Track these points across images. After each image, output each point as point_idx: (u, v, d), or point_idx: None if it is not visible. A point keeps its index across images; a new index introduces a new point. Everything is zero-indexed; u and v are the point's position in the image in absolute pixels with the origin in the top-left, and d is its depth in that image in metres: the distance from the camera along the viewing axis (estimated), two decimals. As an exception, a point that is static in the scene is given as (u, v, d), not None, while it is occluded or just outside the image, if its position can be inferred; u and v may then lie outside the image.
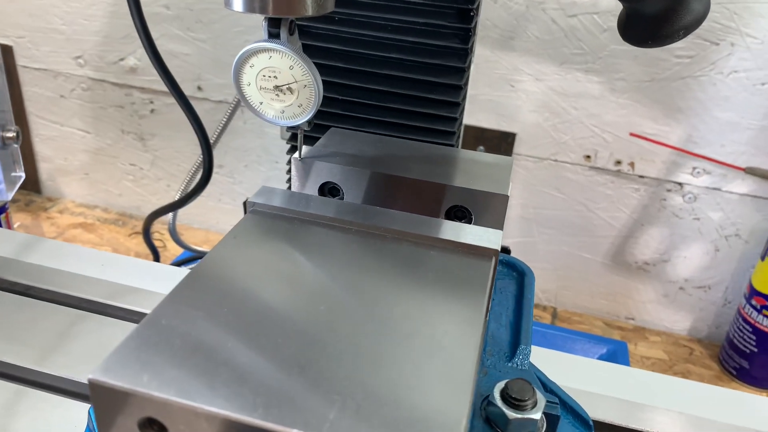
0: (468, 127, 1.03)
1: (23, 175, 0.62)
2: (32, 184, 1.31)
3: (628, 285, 1.07)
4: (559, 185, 1.03)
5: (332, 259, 0.38)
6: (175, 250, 1.16)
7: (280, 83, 0.41)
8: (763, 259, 0.94)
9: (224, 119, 0.90)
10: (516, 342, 0.52)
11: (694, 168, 0.96)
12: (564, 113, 0.97)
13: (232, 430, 0.27)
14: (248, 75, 0.41)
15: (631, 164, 0.98)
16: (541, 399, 0.40)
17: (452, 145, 0.66)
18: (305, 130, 0.47)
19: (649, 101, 0.93)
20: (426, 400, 0.28)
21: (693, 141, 0.94)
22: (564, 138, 0.99)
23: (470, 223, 0.48)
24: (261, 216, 0.42)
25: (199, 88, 1.12)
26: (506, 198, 0.46)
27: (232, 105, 0.89)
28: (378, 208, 0.43)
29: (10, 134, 0.60)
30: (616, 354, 0.99)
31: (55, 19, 1.13)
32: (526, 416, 0.39)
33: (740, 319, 0.96)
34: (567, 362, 0.73)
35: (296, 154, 0.49)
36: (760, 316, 0.92)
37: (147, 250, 1.14)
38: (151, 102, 1.17)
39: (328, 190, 0.50)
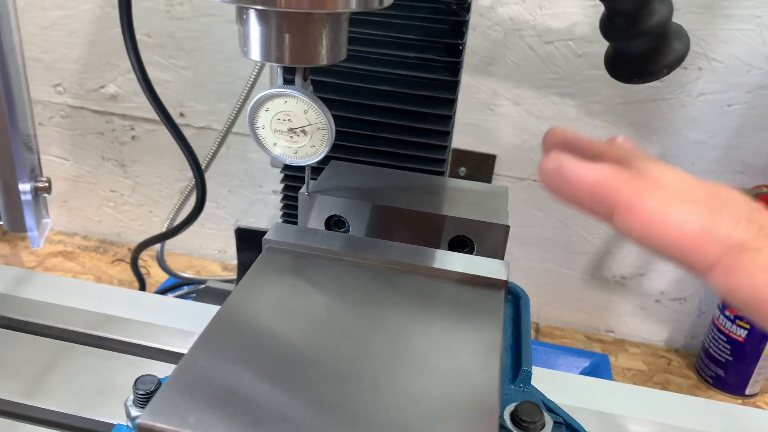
0: (451, 150, 1.05)
1: (50, 221, 0.63)
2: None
3: (607, 299, 1.11)
4: (539, 204, 1.06)
5: (351, 295, 0.40)
6: (158, 276, 1.16)
7: (294, 126, 0.42)
8: (734, 271, 0.99)
9: (213, 147, 0.91)
10: (518, 364, 0.54)
11: (667, 185, 1.00)
12: (542, 135, 1.00)
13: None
14: (263, 118, 0.42)
15: (608, 183, 1.02)
16: (549, 420, 0.42)
17: (442, 171, 0.68)
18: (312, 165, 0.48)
19: (623, 123, 0.97)
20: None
21: (666, 159, 0.98)
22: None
23: (472, 252, 0.50)
24: (277, 253, 0.43)
25: (182, 115, 1.13)
26: (507, 228, 0.48)
27: (222, 132, 0.90)
28: (388, 241, 0.45)
29: (42, 184, 0.61)
30: (599, 366, 1.03)
31: (33, 48, 1.13)
32: (535, 437, 0.41)
33: (715, 330, 1.00)
34: (551, 378, 0.75)
35: (303, 189, 0.50)
36: (734, 326, 0.96)
37: (130, 277, 1.14)
38: (132, 128, 1.17)
39: (334, 222, 0.52)
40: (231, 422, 0.29)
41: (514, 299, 0.61)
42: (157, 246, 0.96)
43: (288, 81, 0.41)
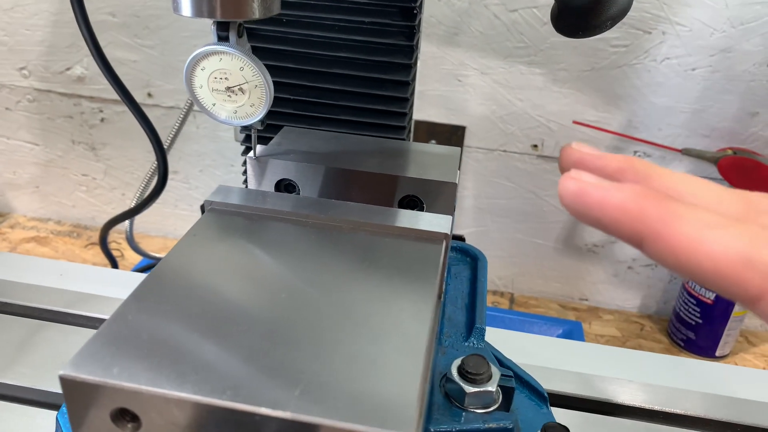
0: (419, 123, 1.05)
1: None
2: (-20, 200, 1.29)
3: (580, 267, 1.12)
4: (509, 175, 1.07)
5: (290, 252, 0.40)
6: (132, 259, 1.16)
7: (231, 84, 0.42)
8: (702, 235, 1.00)
9: (176, 124, 0.90)
10: (471, 322, 0.54)
11: (635, 152, 1.01)
12: (510, 105, 1.01)
13: (202, 414, 0.28)
14: (200, 78, 0.42)
15: (577, 151, 1.02)
16: (496, 372, 0.42)
17: (403, 140, 0.68)
18: (259, 130, 0.48)
19: (589, 90, 0.97)
20: (384, 373, 0.30)
21: (633, 126, 0.99)
22: (511, 129, 1.03)
23: (422, 211, 0.50)
24: (219, 214, 0.43)
25: (149, 95, 1.12)
26: (455, 186, 0.48)
27: (184, 110, 0.90)
28: (332, 200, 0.45)
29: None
30: (572, 333, 1.04)
31: (-5, 31, 1.11)
32: (481, 389, 0.41)
33: (685, 294, 1.01)
34: (525, 341, 0.76)
35: (251, 154, 0.50)
36: (703, 289, 0.97)
37: (104, 261, 1.13)
38: (101, 111, 1.16)
39: (284, 186, 0.52)
40: (156, 372, 0.29)
41: (472, 261, 0.62)
42: (127, 226, 0.95)
43: (222, 38, 0.40)
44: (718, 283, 0.22)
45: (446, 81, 1.01)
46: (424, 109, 1.04)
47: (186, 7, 0.38)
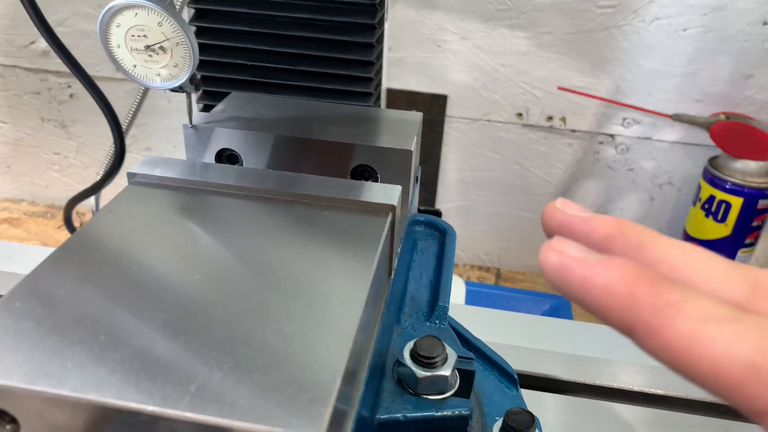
0: (398, 92, 1.01)
1: None
2: (-49, 182, 1.25)
3: (569, 240, 1.08)
4: (494, 145, 1.02)
5: (218, 225, 0.36)
6: (107, 239, 1.12)
7: (150, 42, 0.38)
8: (694, 204, 0.96)
9: (138, 96, 0.86)
10: (435, 300, 0.51)
11: (625, 119, 0.96)
12: (493, 72, 0.96)
13: (85, 414, 0.25)
14: (116, 36, 0.38)
15: (563, 119, 0.98)
16: (452, 355, 0.39)
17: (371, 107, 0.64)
18: (191, 92, 0.44)
19: (575, 54, 0.92)
20: (302, 362, 0.26)
21: (621, 91, 0.94)
22: (495, 97, 0.98)
23: (377, 182, 0.46)
24: (142, 187, 0.39)
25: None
26: (410, 153, 0.44)
27: (146, 81, 0.85)
28: (270, 170, 0.41)
29: None
30: (559, 309, 1.00)
31: (-45, 3, 1.07)
32: (435, 373, 0.37)
33: (677, 266, 0.97)
34: (508, 320, 0.72)
35: (187, 122, 0.46)
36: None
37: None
38: (69, 86, 1.11)
39: (226, 157, 0.48)
40: (34, 367, 0.25)
41: (441, 235, 0.58)
42: (92, 203, 0.91)
43: (137, -10, 0.36)
44: (718, 390, 0.19)
45: (425, 47, 0.96)
46: (403, 77, 0.99)
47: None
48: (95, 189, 0.81)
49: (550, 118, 0.98)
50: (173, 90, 0.40)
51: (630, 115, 0.95)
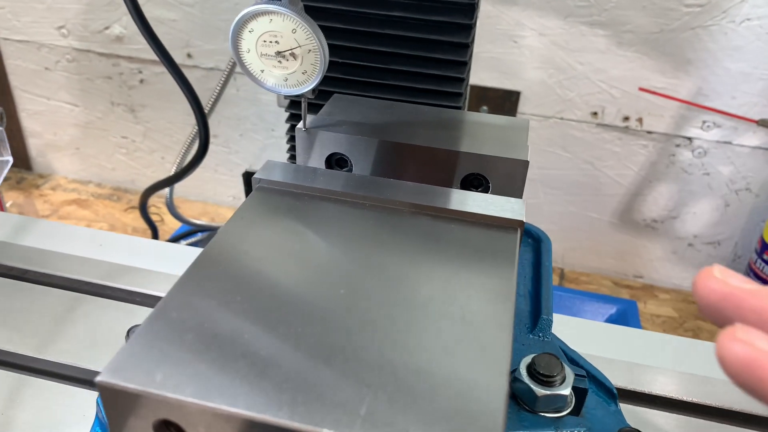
0: (471, 87, 0.99)
1: (11, 159, 0.59)
2: (22, 161, 1.28)
3: (636, 243, 1.06)
4: (565, 144, 1.01)
5: (347, 236, 0.36)
6: (172, 224, 1.14)
7: (282, 49, 0.38)
8: (774, 212, 0.93)
9: (218, 87, 0.86)
10: (537, 312, 0.50)
11: (704, 122, 0.93)
12: (569, 69, 0.94)
13: (254, 430, 0.25)
14: (247, 41, 0.38)
15: (639, 120, 0.96)
16: (570, 373, 0.38)
17: (459, 107, 0.63)
18: (309, 99, 0.44)
19: (657, 54, 0.90)
20: (462, 388, 0.26)
21: (703, 94, 0.91)
22: (570, 95, 0.96)
23: (486, 192, 0.45)
24: (268, 193, 0.39)
25: (189, 56, 1.08)
26: (526, 164, 0.43)
27: (226, 72, 0.86)
28: (391, 180, 0.40)
29: (-8, 118, 0.56)
30: (626, 313, 0.99)
31: (34, -12, 1.08)
32: (555, 392, 0.37)
33: (751, 275, 0.94)
34: (574, 326, 0.71)
35: (300, 125, 0.46)
36: (772, 271, 0.90)
37: (144, 225, 1.12)
38: (140, 72, 1.13)
39: (336, 161, 0.47)
40: (203, 381, 0.25)
41: (535, 243, 0.57)
42: (167, 192, 0.93)
43: (273, -4, 0.36)
44: None
45: (500, 42, 0.95)
46: (476, 72, 0.98)
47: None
48: (173, 180, 0.82)
49: (626, 119, 0.96)
50: (297, 95, 0.40)
51: (710, 118, 0.93)
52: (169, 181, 0.82)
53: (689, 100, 0.92)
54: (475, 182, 0.46)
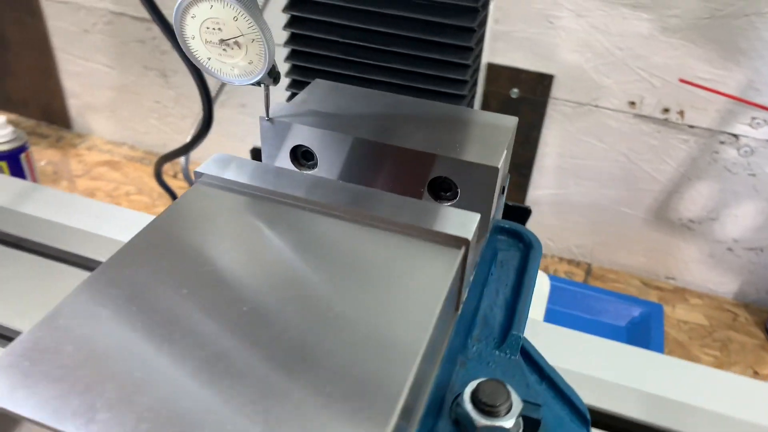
0: (502, 68, 0.94)
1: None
2: (62, 120, 1.31)
3: (671, 243, 0.99)
4: (600, 133, 0.94)
5: (272, 245, 0.34)
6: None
7: (225, 36, 0.35)
8: (824, 222, 0.85)
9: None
10: (509, 326, 0.47)
11: (754, 118, 0.85)
12: (607, 54, 0.87)
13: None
14: (191, 27, 0.35)
15: (681, 113, 0.88)
16: (517, 404, 0.35)
17: (464, 95, 0.59)
18: (268, 85, 0.41)
19: (705, 41, 0.82)
20: (358, 401, 0.24)
21: (754, 88, 0.83)
22: (606, 81, 0.90)
23: (455, 197, 0.42)
24: (206, 189, 0.37)
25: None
26: (496, 170, 0.40)
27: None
28: (344, 184, 0.38)
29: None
30: (650, 317, 0.93)
31: (72, -51, 1.09)
32: (496, 423, 0.34)
33: (793, 287, 0.87)
34: (584, 345, 0.64)
35: (264, 114, 0.43)
36: (815, 286, 0.83)
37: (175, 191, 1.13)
38: (172, 37, 1.13)
39: (301, 153, 0.45)
40: (63, 402, 0.24)
41: (525, 248, 0.53)
42: (182, 160, 0.93)
43: (214, -20, 0.33)
44: None
45: (535, 22, 0.89)
46: (508, 52, 0.93)
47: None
48: (183, 151, 0.82)
49: (666, 110, 0.89)
50: (252, 84, 0.38)
51: (761, 114, 0.85)
52: (180, 152, 0.82)
53: (738, 95, 0.84)
54: (444, 186, 0.43)
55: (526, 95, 0.95)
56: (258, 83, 0.40)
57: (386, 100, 0.49)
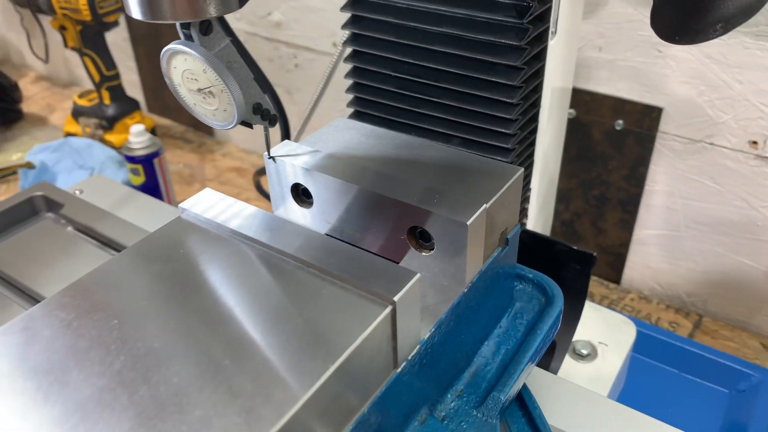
0: (604, 97, 0.88)
1: None
2: (206, 127, 1.45)
3: (799, 304, 0.86)
4: (715, 174, 0.85)
5: (215, 280, 0.35)
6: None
7: (201, 86, 0.38)
8: None
9: (327, 73, 0.89)
10: (493, 386, 0.45)
11: None
12: (725, 87, 0.78)
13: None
14: (175, 76, 0.39)
15: (813, 157, 0.76)
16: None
17: (511, 135, 0.58)
18: (267, 127, 0.44)
19: (843, 77, 0.70)
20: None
21: None
22: (723, 117, 0.80)
23: (433, 247, 0.41)
24: (182, 225, 0.40)
25: (334, 44, 1.12)
26: (465, 227, 0.38)
27: (335, 57, 0.87)
28: (300, 227, 0.39)
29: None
30: (759, 389, 0.81)
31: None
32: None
33: None
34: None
35: (266, 152, 0.46)
36: None
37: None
38: (295, 57, 1.20)
39: (302, 190, 0.47)
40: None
41: (544, 301, 0.50)
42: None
43: (186, 36, 0.36)
44: None
45: (642, 50, 0.82)
46: (612, 81, 0.86)
47: (135, 10, 0.34)
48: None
49: (794, 153, 0.77)
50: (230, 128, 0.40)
51: None
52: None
53: None
54: (425, 235, 0.42)
55: (632, 128, 0.88)
56: (250, 125, 0.42)
57: (396, 142, 0.49)
